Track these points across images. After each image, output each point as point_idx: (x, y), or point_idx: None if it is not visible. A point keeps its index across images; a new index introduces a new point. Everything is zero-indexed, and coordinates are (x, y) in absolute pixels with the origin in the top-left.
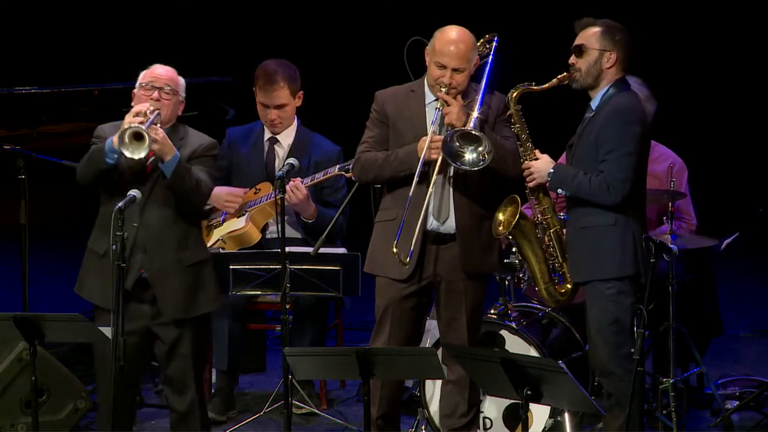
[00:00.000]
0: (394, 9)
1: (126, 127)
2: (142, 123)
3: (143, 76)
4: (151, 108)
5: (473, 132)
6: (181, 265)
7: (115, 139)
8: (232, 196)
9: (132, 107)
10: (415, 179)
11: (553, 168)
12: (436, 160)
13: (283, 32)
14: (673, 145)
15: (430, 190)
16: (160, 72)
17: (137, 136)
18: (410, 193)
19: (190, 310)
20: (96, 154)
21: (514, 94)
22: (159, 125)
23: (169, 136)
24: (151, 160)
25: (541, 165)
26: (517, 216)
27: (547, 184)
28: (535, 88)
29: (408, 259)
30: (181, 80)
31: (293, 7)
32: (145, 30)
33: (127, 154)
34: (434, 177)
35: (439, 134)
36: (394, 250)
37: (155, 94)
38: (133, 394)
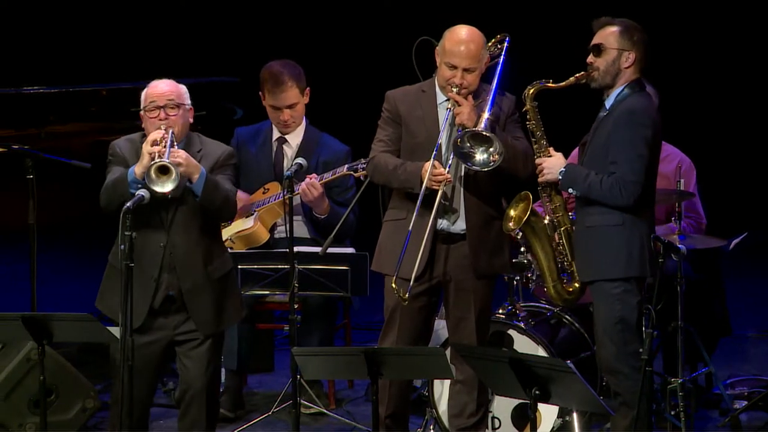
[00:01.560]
0: (401, 8)
1: (149, 162)
2: (161, 152)
3: (144, 98)
4: (163, 130)
5: (484, 133)
6: (211, 278)
7: (138, 170)
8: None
9: (143, 130)
10: (422, 192)
11: (564, 167)
12: (437, 192)
13: (290, 32)
14: (680, 145)
15: (440, 194)
16: (160, 90)
17: (162, 170)
18: (416, 208)
19: (222, 324)
20: (120, 186)
21: (531, 91)
22: (176, 144)
23: (186, 150)
24: None
25: (553, 162)
26: (528, 212)
27: (558, 184)
28: (552, 85)
29: (407, 295)
30: (183, 88)
31: (300, 7)
32: (153, 30)
33: (158, 189)
34: (441, 190)
35: (450, 134)
36: (393, 285)
37: (161, 114)
38: (150, 401)
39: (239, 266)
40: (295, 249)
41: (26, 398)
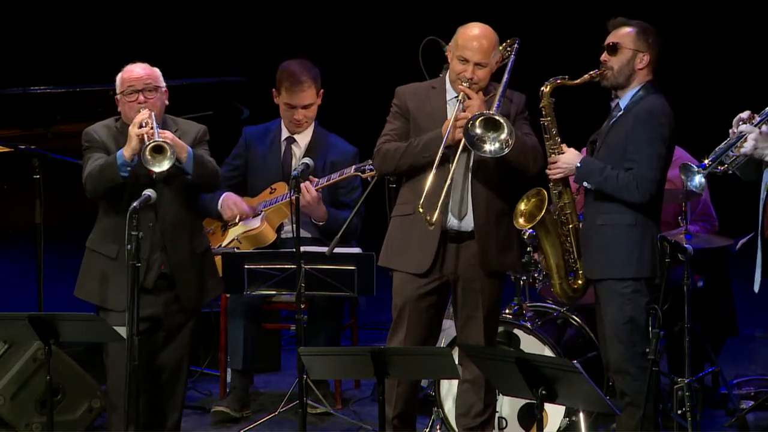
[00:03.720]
0: (409, 9)
1: (139, 145)
2: (149, 133)
3: (121, 83)
4: (147, 112)
5: (496, 117)
6: (195, 254)
7: (126, 152)
8: (235, 206)
9: (119, 112)
10: (436, 162)
11: (580, 161)
12: (459, 142)
13: (297, 32)
14: (686, 145)
15: (449, 183)
16: (137, 74)
17: (157, 149)
18: (433, 168)
19: (203, 298)
20: (108, 171)
21: (548, 88)
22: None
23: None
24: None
25: (568, 157)
26: (543, 211)
27: (573, 177)
28: (569, 82)
29: (434, 219)
30: (158, 71)
31: (308, 7)
32: (160, 30)
33: (156, 169)
34: (453, 166)
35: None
36: (420, 210)
37: (140, 98)
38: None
39: (246, 266)
40: (302, 249)
41: (33, 398)
